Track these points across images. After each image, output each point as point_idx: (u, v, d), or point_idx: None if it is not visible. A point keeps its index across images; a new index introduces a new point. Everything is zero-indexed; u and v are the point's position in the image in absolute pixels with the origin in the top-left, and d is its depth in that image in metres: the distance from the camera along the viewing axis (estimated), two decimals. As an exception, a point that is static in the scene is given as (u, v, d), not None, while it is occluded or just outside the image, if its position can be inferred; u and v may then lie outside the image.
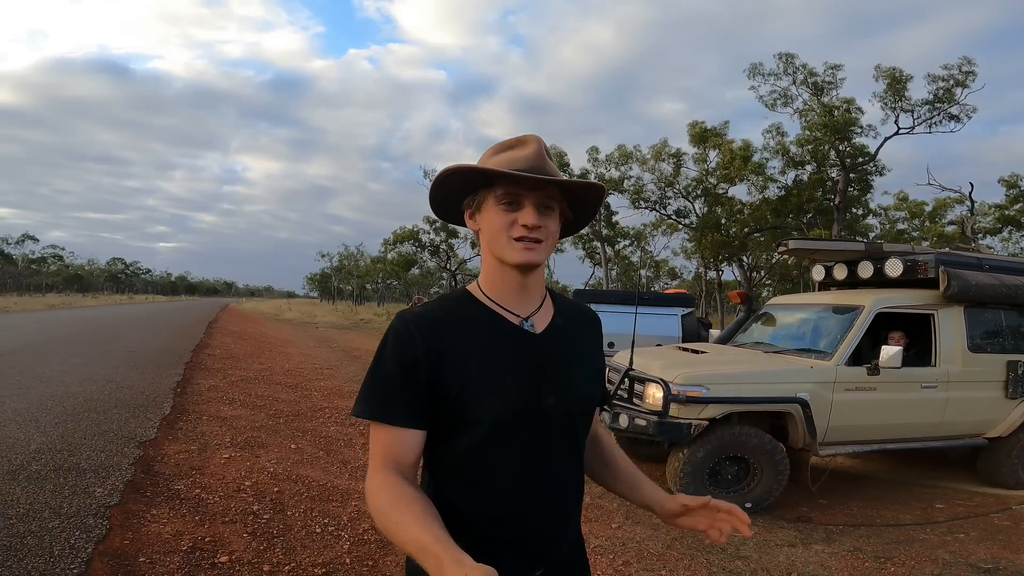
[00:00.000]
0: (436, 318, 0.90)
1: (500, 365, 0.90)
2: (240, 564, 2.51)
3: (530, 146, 0.93)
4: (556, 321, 0.98)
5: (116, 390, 6.20)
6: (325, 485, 3.71)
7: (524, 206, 0.90)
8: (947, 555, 3.36)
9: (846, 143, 20.75)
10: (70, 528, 2.63)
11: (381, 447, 0.85)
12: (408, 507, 0.77)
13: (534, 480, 0.91)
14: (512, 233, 0.90)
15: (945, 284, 4.50)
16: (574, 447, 0.97)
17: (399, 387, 0.86)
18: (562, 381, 0.94)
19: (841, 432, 4.29)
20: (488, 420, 0.87)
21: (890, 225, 37.81)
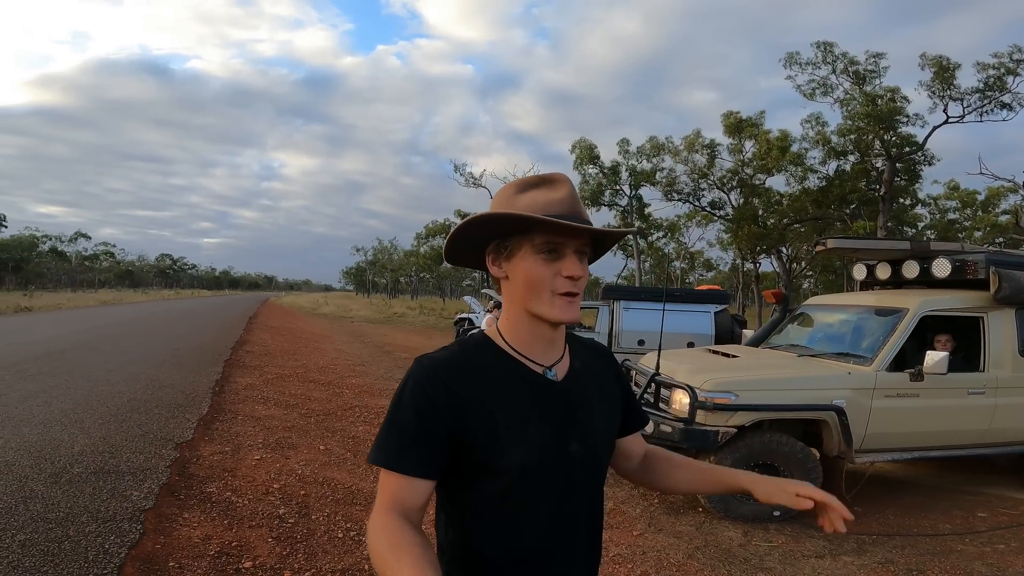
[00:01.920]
0: (458, 366, 0.88)
1: (525, 416, 0.88)
2: (263, 570, 2.57)
3: (563, 187, 0.89)
4: (575, 366, 0.97)
5: (158, 389, 6.44)
6: (350, 488, 3.77)
7: (565, 255, 0.87)
8: (984, 568, 3.20)
9: (891, 132, 19.89)
10: (106, 532, 2.74)
11: (390, 492, 0.85)
12: (407, 552, 0.77)
13: (560, 521, 0.91)
14: (556, 287, 0.87)
15: (996, 286, 4.25)
16: (597, 484, 0.98)
17: (415, 436, 0.84)
18: (585, 425, 0.93)
19: (880, 439, 4.10)
20: (514, 469, 0.87)
21: (940, 215, 36.16)
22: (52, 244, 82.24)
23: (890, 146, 20.33)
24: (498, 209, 0.89)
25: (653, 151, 27.65)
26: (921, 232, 33.79)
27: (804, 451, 3.88)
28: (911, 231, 32.75)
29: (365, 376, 9.15)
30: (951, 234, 33.23)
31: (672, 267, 48.57)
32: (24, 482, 3.30)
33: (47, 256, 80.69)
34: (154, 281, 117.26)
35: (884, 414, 4.04)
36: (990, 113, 19.12)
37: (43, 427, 4.46)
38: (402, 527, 0.81)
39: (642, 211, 31.93)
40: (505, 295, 0.92)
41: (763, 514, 3.88)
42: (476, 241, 0.92)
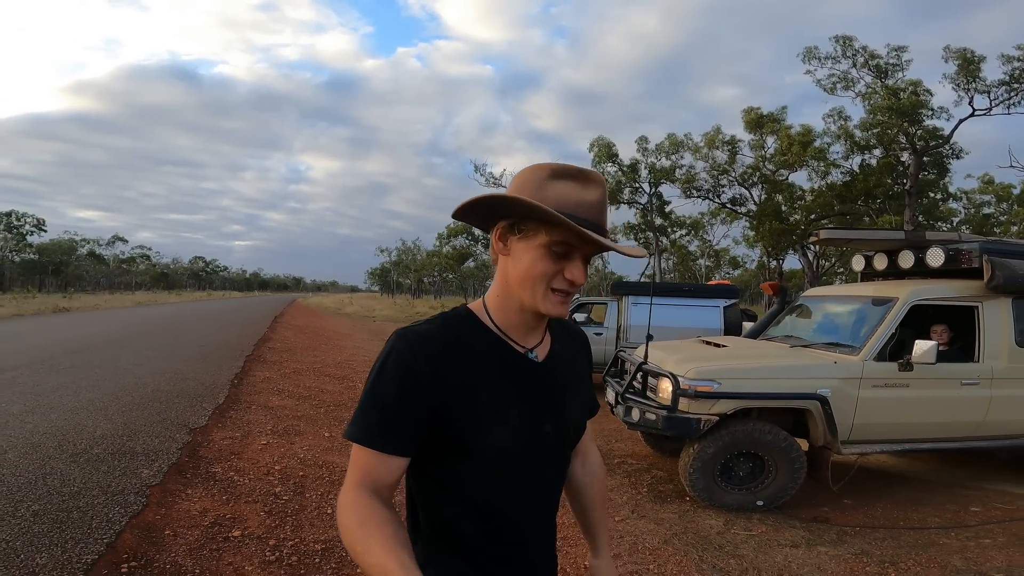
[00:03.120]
0: (442, 340, 0.86)
1: (506, 396, 0.88)
2: (250, 539, 2.77)
3: (597, 191, 0.86)
4: (555, 348, 0.97)
5: (180, 381, 6.77)
6: (346, 471, 3.96)
7: (574, 259, 0.86)
8: (960, 561, 3.19)
9: (916, 126, 19.44)
10: (111, 504, 2.99)
11: (362, 468, 0.83)
12: (378, 530, 0.76)
13: (531, 502, 0.93)
14: (555, 284, 0.86)
15: (989, 274, 4.22)
16: (564, 468, 1.00)
17: (395, 413, 0.82)
18: (559, 409, 0.94)
19: (868, 430, 4.12)
20: (494, 450, 0.87)
21: (975, 209, 35.02)
22: (90, 248, 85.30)
23: (915, 139, 19.86)
24: (529, 189, 0.86)
25: (672, 148, 27.46)
26: (956, 227, 32.82)
27: (788, 440, 3.93)
28: (946, 226, 31.86)
29: (379, 371, 9.40)
30: (987, 229, 32.18)
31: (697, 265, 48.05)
32: (46, 461, 3.58)
33: (86, 259, 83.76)
34: (187, 283, 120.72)
35: (872, 404, 4.06)
36: (1017, 105, 18.62)
37: (70, 414, 4.78)
38: (373, 504, 0.80)
39: (662, 209, 31.71)
40: (501, 271, 0.90)
41: (747, 504, 3.94)
42: (494, 210, 0.89)
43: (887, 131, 20.08)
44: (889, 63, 19.95)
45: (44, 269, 74.21)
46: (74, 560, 2.43)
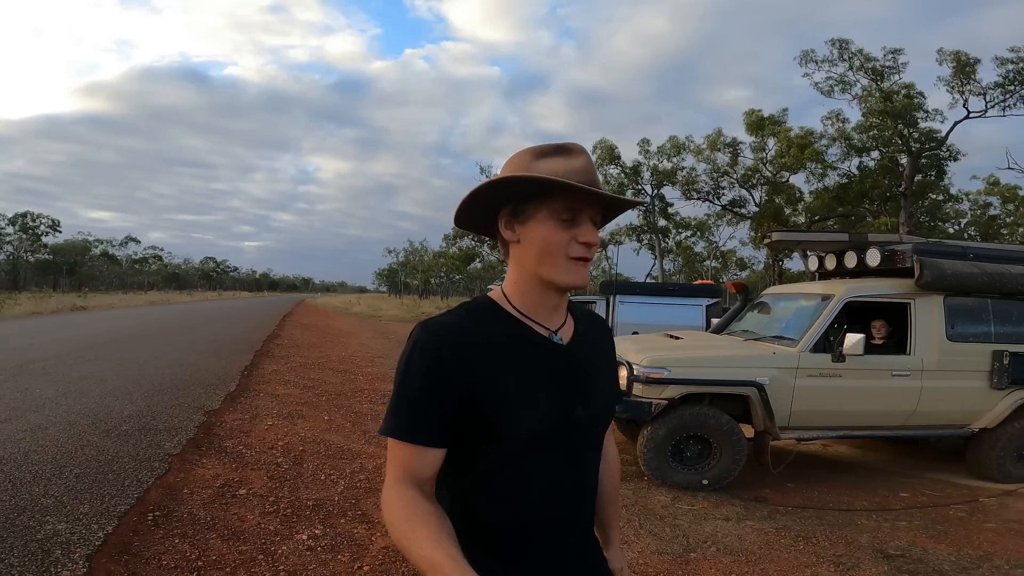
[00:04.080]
0: (465, 330, 0.87)
1: (533, 380, 0.88)
2: (254, 496, 3.32)
3: (581, 156, 0.89)
4: (579, 330, 0.97)
5: (196, 372, 7.36)
6: (341, 447, 4.51)
7: (582, 222, 0.87)
8: (866, 539, 3.57)
9: (911, 128, 19.73)
10: (140, 469, 3.54)
11: (401, 463, 0.84)
12: (423, 523, 0.77)
13: (560, 486, 0.92)
14: (571, 252, 0.87)
15: (919, 273, 4.64)
16: (596, 450, 0.99)
17: (426, 405, 0.83)
18: (588, 391, 0.93)
19: (806, 417, 4.56)
20: (522, 435, 0.86)
21: (981, 211, 35.04)
22: (104, 248, 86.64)
23: (910, 142, 20.16)
24: (519, 169, 0.88)
25: (674, 150, 27.87)
26: (963, 229, 32.88)
27: (730, 424, 4.40)
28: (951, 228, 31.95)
29: (381, 366, 9.94)
30: (993, 230, 32.23)
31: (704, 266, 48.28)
32: (83, 436, 4.15)
33: (99, 260, 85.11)
34: (199, 283, 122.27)
35: (807, 392, 4.51)
36: (1013, 107, 18.88)
37: (99, 398, 5.36)
38: (416, 497, 0.81)
39: (665, 210, 32.10)
40: (514, 260, 0.91)
41: (694, 483, 4.37)
42: (491, 204, 0.91)
43: (882, 133, 20.39)
44: (885, 66, 20.27)
45: (59, 269, 75.56)
46: (111, 509, 2.97)
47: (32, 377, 6.32)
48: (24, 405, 4.93)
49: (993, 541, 3.69)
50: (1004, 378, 4.79)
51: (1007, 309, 5.00)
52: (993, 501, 4.54)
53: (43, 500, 2.98)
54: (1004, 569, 3.26)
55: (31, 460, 3.55)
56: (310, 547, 2.87)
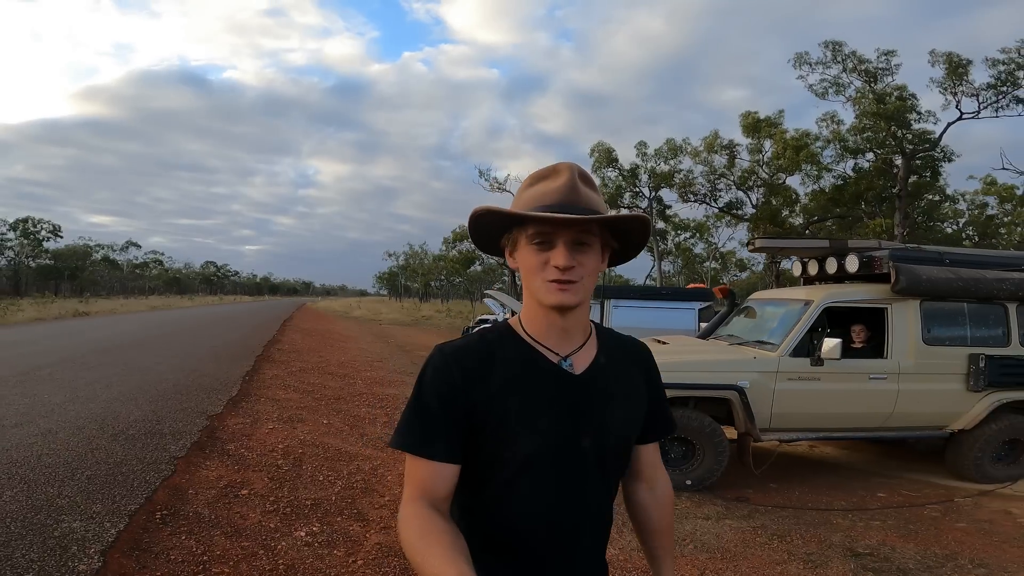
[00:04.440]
0: (475, 352, 0.91)
1: (535, 404, 0.89)
2: (255, 496, 3.50)
3: (561, 177, 0.90)
4: (599, 360, 0.96)
5: (198, 377, 7.54)
6: (340, 450, 4.69)
7: (556, 245, 0.88)
8: (838, 538, 3.70)
9: (903, 130, 19.92)
10: (148, 471, 3.72)
11: (416, 479, 0.87)
12: (437, 540, 0.78)
13: (563, 514, 0.92)
14: (545, 275, 0.88)
15: (894, 278, 4.81)
16: (607, 483, 0.98)
17: (438, 421, 0.86)
18: (600, 421, 0.93)
19: (786, 419, 4.73)
20: (521, 458, 0.88)
21: (978, 211, 35.22)
22: (104, 253, 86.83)
23: (903, 143, 20.34)
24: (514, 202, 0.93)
25: (670, 153, 28.08)
26: (961, 229, 33.04)
27: (712, 426, 4.56)
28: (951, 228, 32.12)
29: (380, 370, 10.12)
30: (991, 230, 32.39)
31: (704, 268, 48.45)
32: (91, 439, 4.33)
33: (100, 264, 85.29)
34: (199, 287, 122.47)
35: (787, 396, 4.68)
36: (1006, 108, 19.06)
37: (106, 403, 5.55)
38: (431, 516, 0.83)
39: (663, 213, 32.29)
40: (522, 281, 0.94)
41: (678, 483, 4.47)
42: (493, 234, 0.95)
43: (876, 135, 20.58)
44: (878, 67, 20.47)
45: (60, 274, 75.74)
46: (121, 509, 3.16)
47: (39, 383, 6.51)
48: (34, 410, 5.12)
49: (961, 540, 3.81)
50: (980, 380, 4.92)
51: (983, 313, 5.16)
52: (968, 501, 4.66)
53: (58, 500, 3.16)
54: (967, 568, 3.38)
55: (44, 463, 3.73)
56: (308, 543, 3.05)
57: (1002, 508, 4.51)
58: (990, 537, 3.91)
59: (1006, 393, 4.98)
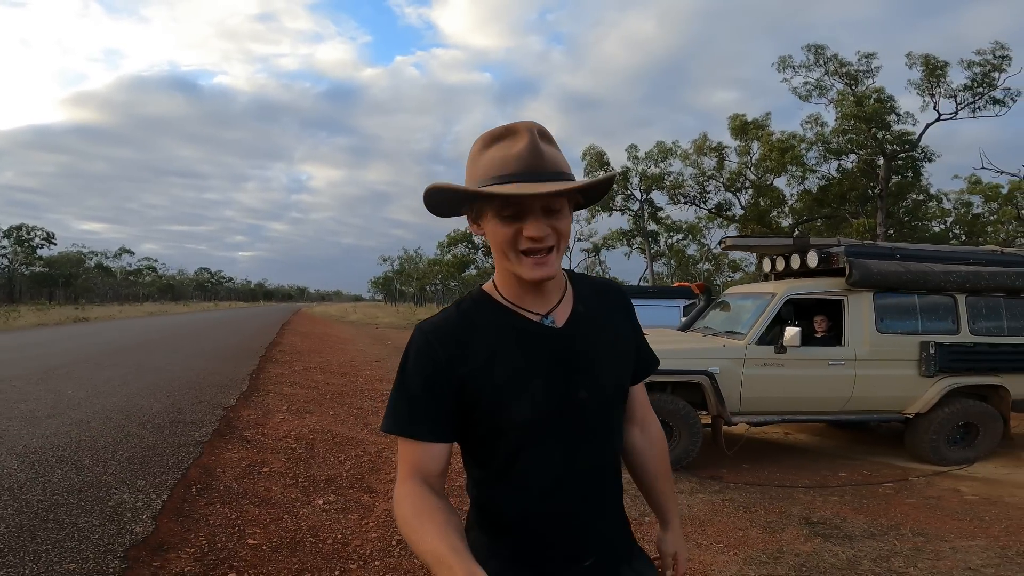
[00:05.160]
0: (456, 325, 0.89)
1: (526, 367, 0.88)
2: (276, 473, 3.95)
3: (521, 139, 0.83)
4: (577, 309, 0.94)
5: (209, 375, 7.96)
6: (346, 436, 5.14)
7: (527, 217, 0.83)
8: (797, 510, 4.07)
9: (884, 131, 20.53)
10: (178, 453, 4.16)
11: (408, 460, 0.87)
12: (429, 517, 0.78)
13: (574, 472, 0.91)
14: (520, 246, 0.84)
15: (848, 272, 5.29)
16: (611, 432, 0.96)
17: (423, 401, 0.85)
18: (592, 371, 0.91)
19: (754, 403, 5.18)
20: (520, 423, 0.87)
21: (964, 210, 35.94)
22: (98, 260, 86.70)
23: (884, 144, 20.96)
24: (468, 168, 0.87)
25: (661, 156, 28.66)
26: (948, 228, 33.71)
27: (687, 409, 5.02)
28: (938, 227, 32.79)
29: (379, 369, 10.54)
30: (977, 228, 33.10)
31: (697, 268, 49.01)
32: (122, 428, 4.76)
33: (94, 272, 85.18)
34: (193, 294, 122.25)
35: (754, 381, 5.13)
36: (982, 109, 19.70)
37: (127, 398, 5.97)
38: (424, 493, 0.82)
39: (655, 215, 32.87)
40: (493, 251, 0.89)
41: None
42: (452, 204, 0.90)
43: (857, 137, 21.18)
44: (859, 70, 21.09)
45: (54, 282, 75.61)
46: (162, 483, 3.59)
47: (60, 381, 6.91)
48: (61, 404, 5.53)
49: (907, 514, 4.13)
50: (931, 366, 5.36)
51: (934, 304, 5.63)
52: (921, 480, 5.01)
53: (105, 477, 3.59)
54: (908, 536, 3.68)
55: (84, 448, 4.15)
56: (325, 510, 3.49)
57: (952, 486, 4.84)
58: (935, 511, 4.23)
59: (957, 378, 5.41)
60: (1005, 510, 4.19)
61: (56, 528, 2.80)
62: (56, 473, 3.58)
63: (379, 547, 3.00)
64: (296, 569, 2.69)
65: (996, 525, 3.86)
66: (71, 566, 2.45)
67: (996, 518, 4.00)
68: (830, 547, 3.34)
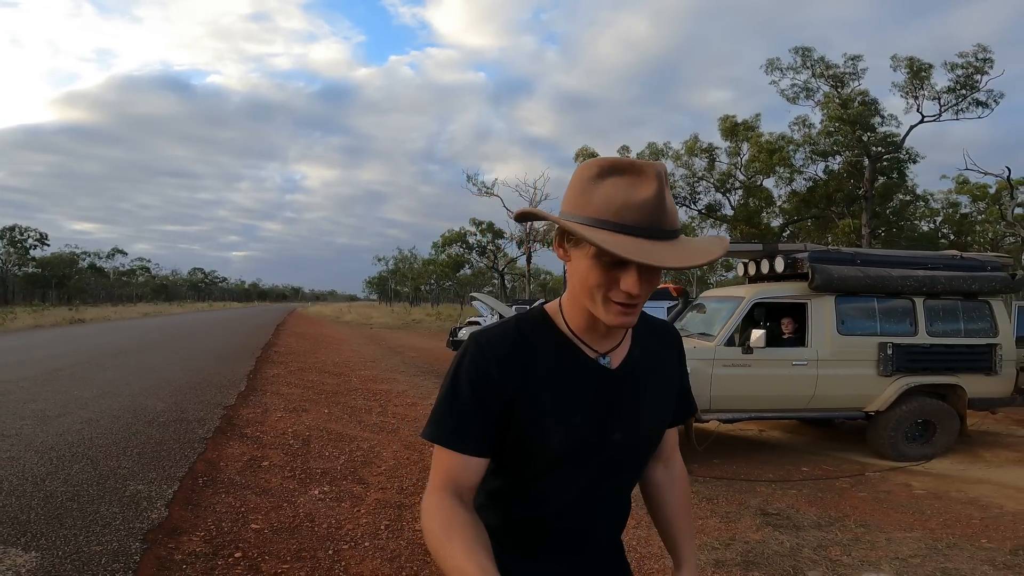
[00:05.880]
0: (514, 343, 0.87)
1: (572, 401, 0.87)
2: (275, 467, 4.28)
3: (650, 185, 0.75)
4: (633, 353, 0.94)
5: (207, 376, 8.27)
6: (340, 433, 5.47)
7: (629, 268, 0.77)
8: (756, 502, 4.27)
9: (869, 133, 20.95)
10: (184, 448, 4.48)
11: (444, 470, 0.85)
12: (460, 533, 0.78)
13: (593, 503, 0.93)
14: (610, 295, 0.80)
15: (810, 277, 5.64)
16: (636, 473, 0.99)
17: (473, 414, 0.84)
18: (632, 416, 0.92)
19: (723, 401, 5.52)
20: (552, 453, 0.87)
21: (952, 209, 36.42)
22: (91, 260, 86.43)
23: (869, 146, 21.40)
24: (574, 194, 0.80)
25: (652, 157, 29.03)
26: (937, 227, 34.20)
27: (660, 404, 5.37)
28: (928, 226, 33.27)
29: (373, 369, 10.85)
30: (966, 227, 33.62)
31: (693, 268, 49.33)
32: (130, 426, 5.08)
33: (87, 272, 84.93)
34: (187, 294, 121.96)
35: (722, 380, 5.48)
36: (965, 111, 20.15)
37: (131, 397, 6.28)
38: (455, 507, 0.82)
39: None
40: (569, 275, 0.87)
41: None
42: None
43: (842, 138, 21.59)
44: (845, 72, 21.50)
45: (47, 282, 75.38)
46: (171, 475, 3.91)
47: (65, 382, 7.21)
48: (69, 404, 5.84)
49: (856, 506, 4.40)
50: (889, 366, 5.71)
51: (894, 307, 6.00)
52: (877, 476, 5.28)
53: (119, 470, 3.91)
54: (851, 527, 3.92)
55: (96, 444, 4.47)
56: (321, 499, 3.83)
57: (904, 481, 5.12)
58: (882, 504, 4.51)
59: (914, 378, 5.76)
60: (948, 504, 4.51)
61: (81, 516, 3.13)
62: (74, 467, 3.90)
63: (369, 531, 3.34)
64: (295, 549, 3.02)
65: (935, 518, 4.16)
66: (98, 548, 2.78)
67: (937, 512, 4.31)
68: (777, 536, 3.66)
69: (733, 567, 3.13)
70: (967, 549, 3.46)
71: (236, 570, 2.73)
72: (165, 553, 2.80)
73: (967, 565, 3.19)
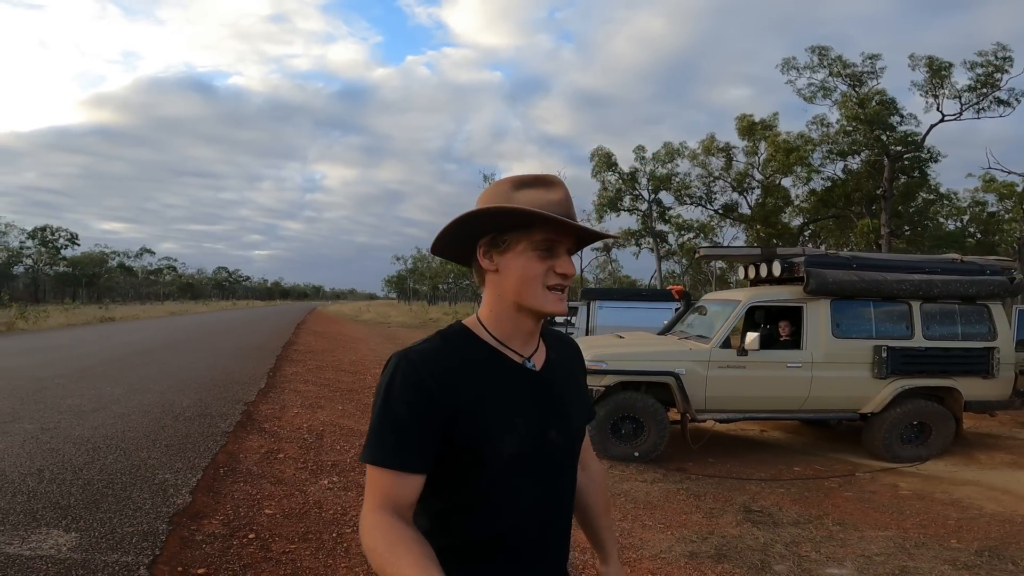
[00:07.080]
0: (444, 356, 0.90)
1: (510, 405, 0.92)
2: (289, 459, 4.61)
3: (560, 189, 0.93)
4: (550, 356, 1.01)
5: (229, 374, 8.68)
6: (353, 428, 5.79)
7: (559, 254, 0.92)
8: (742, 499, 4.54)
9: (888, 133, 20.73)
10: (207, 441, 4.84)
11: (382, 490, 0.86)
12: (406, 549, 0.79)
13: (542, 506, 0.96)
14: (548, 281, 0.91)
15: (806, 281, 5.79)
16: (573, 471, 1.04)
17: (414, 431, 0.85)
18: (561, 414, 0.98)
19: (719, 402, 5.73)
20: (500, 460, 0.90)
21: (979, 208, 35.60)
22: (120, 260, 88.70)
23: (888, 145, 21.16)
24: (497, 202, 0.91)
25: (668, 156, 28.99)
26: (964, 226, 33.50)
27: (655, 406, 5.57)
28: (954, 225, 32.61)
29: (387, 368, 11.20)
30: (992, 226, 32.90)
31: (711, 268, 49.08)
32: (158, 420, 5.46)
33: (116, 271, 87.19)
34: (212, 293, 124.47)
35: (718, 381, 5.67)
36: (987, 110, 19.84)
37: (159, 395, 6.69)
38: (397, 524, 0.83)
39: (663, 215, 33.18)
40: (491, 288, 0.94)
41: (628, 455, 5.46)
42: (471, 233, 0.94)
43: (860, 138, 21.38)
44: (863, 71, 21.28)
45: (77, 281, 77.58)
46: (195, 466, 4.26)
47: (97, 379, 7.66)
48: (103, 400, 6.26)
49: (838, 505, 4.53)
50: (884, 369, 5.85)
51: (889, 310, 6.12)
52: (866, 476, 5.39)
53: (149, 461, 4.27)
54: (828, 525, 4.04)
55: (128, 437, 4.85)
56: (330, 488, 4.14)
57: (892, 482, 5.23)
58: (864, 504, 4.62)
59: (909, 380, 5.89)
60: (929, 505, 4.65)
61: (115, 501, 3.47)
62: (109, 458, 4.27)
63: (374, 518, 3.63)
64: (302, 532, 3.33)
65: (912, 519, 4.30)
66: (130, 529, 3.11)
67: (916, 512, 4.45)
68: (754, 531, 3.84)
69: (705, 559, 3.34)
70: (934, 549, 3.60)
71: (249, 549, 3.04)
72: (188, 534, 3.12)
73: (928, 564, 3.33)
